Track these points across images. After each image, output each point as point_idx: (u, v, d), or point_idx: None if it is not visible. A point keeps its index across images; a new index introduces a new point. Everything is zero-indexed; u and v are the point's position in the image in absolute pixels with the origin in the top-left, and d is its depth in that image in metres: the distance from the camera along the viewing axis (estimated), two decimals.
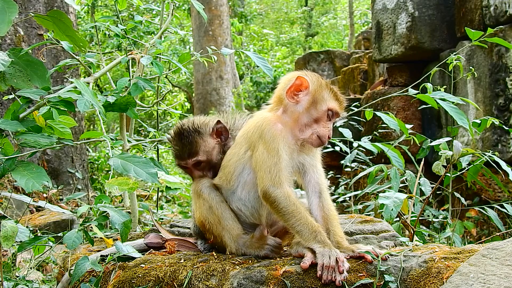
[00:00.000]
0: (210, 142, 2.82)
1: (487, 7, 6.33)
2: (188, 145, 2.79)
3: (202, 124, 2.84)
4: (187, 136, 2.80)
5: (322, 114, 2.52)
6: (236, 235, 2.61)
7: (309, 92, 2.54)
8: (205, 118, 2.92)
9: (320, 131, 2.51)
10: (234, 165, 2.61)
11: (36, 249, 3.44)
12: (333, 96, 2.57)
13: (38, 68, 3.09)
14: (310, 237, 2.37)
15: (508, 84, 6.03)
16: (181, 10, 16.84)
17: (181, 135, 2.82)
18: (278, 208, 2.42)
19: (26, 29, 6.65)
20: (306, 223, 2.39)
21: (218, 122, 2.85)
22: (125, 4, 3.86)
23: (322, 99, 2.53)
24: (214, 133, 2.84)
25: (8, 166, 2.63)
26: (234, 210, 2.66)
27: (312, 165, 2.61)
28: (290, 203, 2.40)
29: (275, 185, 2.42)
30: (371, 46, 9.56)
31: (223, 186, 2.68)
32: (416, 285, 2.23)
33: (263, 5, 26.38)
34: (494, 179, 3.88)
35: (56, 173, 7.01)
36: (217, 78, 14.39)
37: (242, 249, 2.59)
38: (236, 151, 2.64)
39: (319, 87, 2.55)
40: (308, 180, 2.61)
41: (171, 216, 6.65)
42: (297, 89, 2.54)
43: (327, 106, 2.52)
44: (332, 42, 22.68)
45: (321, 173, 2.64)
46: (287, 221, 2.42)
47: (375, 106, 7.34)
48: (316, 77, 2.60)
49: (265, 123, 2.52)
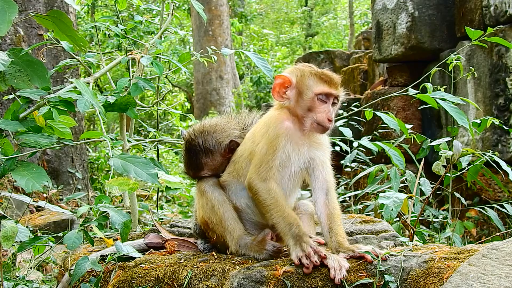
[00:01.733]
0: (219, 160, 2.77)
1: (487, 7, 6.33)
2: (195, 162, 2.76)
3: (215, 143, 2.76)
4: (195, 154, 2.75)
5: (311, 101, 2.51)
6: (237, 236, 2.61)
7: (294, 86, 2.56)
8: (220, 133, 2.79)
9: (317, 118, 2.50)
10: (245, 161, 2.62)
11: (36, 249, 3.43)
12: (319, 79, 2.53)
13: (38, 68, 3.09)
14: (285, 229, 2.41)
15: (508, 84, 6.03)
16: (181, 10, 16.84)
17: (190, 151, 2.77)
18: (259, 200, 2.47)
19: (26, 29, 6.65)
20: (282, 215, 2.42)
21: (231, 141, 2.77)
22: (125, 4, 3.86)
23: (307, 87, 2.52)
24: (227, 151, 2.78)
25: (8, 166, 2.63)
26: (242, 206, 2.65)
27: (322, 161, 2.61)
28: (269, 197, 2.44)
29: (260, 178, 2.46)
30: (371, 46, 9.56)
31: (232, 182, 2.68)
32: (416, 285, 2.23)
33: (263, 5, 26.39)
34: (494, 179, 3.88)
35: (56, 173, 7.01)
36: (217, 78, 14.40)
37: (243, 250, 2.59)
38: (245, 147, 2.65)
39: (302, 77, 2.55)
40: (316, 176, 2.60)
41: (171, 216, 6.65)
42: (283, 87, 2.57)
43: (313, 92, 2.51)
44: (332, 42, 22.69)
45: (330, 171, 2.64)
46: (266, 213, 2.47)
47: (375, 106, 7.34)
48: (299, 69, 2.58)
49: (272, 121, 2.55)
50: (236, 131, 2.84)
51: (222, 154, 2.77)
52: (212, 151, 2.76)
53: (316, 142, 2.61)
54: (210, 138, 2.78)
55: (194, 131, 2.81)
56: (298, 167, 2.57)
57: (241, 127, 2.89)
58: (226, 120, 2.90)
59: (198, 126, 2.85)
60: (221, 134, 2.80)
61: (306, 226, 2.64)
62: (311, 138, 2.59)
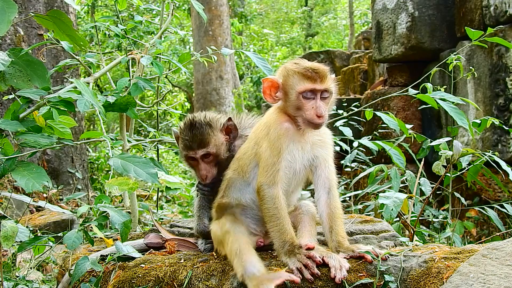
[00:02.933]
0: (220, 137, 2.84)
1: (487, 7, 6.33)
2: (199, 136, 2.80)
3: (213, 118, 2.87)
4: (198, 127, 2.81)
5: (297, 100, 2.50)
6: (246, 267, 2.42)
7: (281, 87, 2.56)
8: (216, 114, 2.94)
9: (306, 116, 2.49)
10: (248, 158, 2.63)
11: (36, 249, 3.44)
12: (302, 77, 2.49)
13: (38, 68, 3.09)
14: (279, 246, 2.44)
15: (508, 84, 6.03)
16: (181, 10, 16.84)
17: (192, 126, 2.83)
18: (263, 206, 2.48)
19: (26, 29, 6.65)
20: (280, 231, 2.44)
21: (229, 119, 2.87)
22: (125, 4, 3.86)
23: (290, 87, 2.51)
24: (224, 129, 2.86)
25: (8, 166, 2.63)
26: (247, 202, 2.65)
27: (325, 159, 2.61)
28: (273, 206, 2.45)
29: (268, 183, 2.46)
30: (371, 46, 9.56)
31: (237, 179, 2.68)
32: (416, 285, 2.23)
33: (263, 5, 26.39)
34: (494, 179, 3.88)
35: (56, 173, 7.01)
36: (217, 78, 14.39)
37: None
38: (249, 146, 2.66)
39: (286, 77, 2.54)
40: (319, 175, 2.61)
41: (171, 216, 6.65)
42: (272, 89, 2.57)
43: (296, 91, 2.49)
44: (332, 42, 22.70)
45: (332, 169, 2.64)
46: (267, 222, 2.49)
47: (375, 106, 7.33)
48: (285, 69, 2.57)
49: (272, 121, 2.55)
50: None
51: (221, 131, 2.85)
52: (212, 126, 2.82)
53: (320, 140, 2.61)
54: (209, 116, 2.88)
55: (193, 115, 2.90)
56: (302, 165, 2.56)
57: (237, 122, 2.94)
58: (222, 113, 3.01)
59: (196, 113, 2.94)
60: (218, 115, 2.92)
61: (308, 227, 2.64)
62: (314, 136, 2.59)
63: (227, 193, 2.70)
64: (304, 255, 2.37)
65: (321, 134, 2.62)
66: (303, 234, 2.60)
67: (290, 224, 2.49)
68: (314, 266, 2.33)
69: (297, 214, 2.69)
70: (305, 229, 2.62)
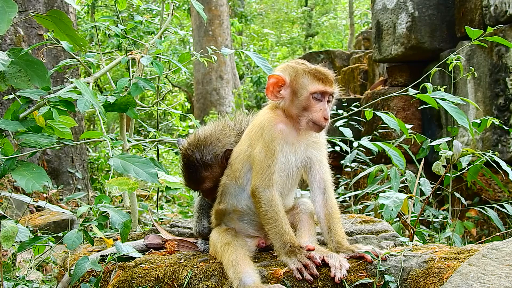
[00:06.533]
0: (218, 171, 2.77)
1: (487, 7, 6.33)
2: (195, 177, 2.78)
3: (212, 156, 2.75)
4: (194, 169, 2.76)
5: (306, 101, 2.48)
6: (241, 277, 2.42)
7: (288, 85, 2.52)
8: (215, 145, 2.77)
9: (313, 117, 2.48)
10: (241, 162, 2.60)
11: (36, 249, 3.43)
12: (313, 78, 2.49)
13: (38, 68, 3.09)
14: (280, 247, 2.43)
15: (508, 84, 6.03)
16: (181, 10, 16.84)
17: (189, 167, 2.78)
18: (260, 210, 2.47)
19: (26, 29, 6.64)
20: (279, 232, 2.43)
21: (226, 151, 2.75)
22: (125, 4, 3.86)
23: (301, 86, 2.49)
24: (224, 161, 2.77)
25: (8, 166, 2.63)
26: (243, 208, 2.63)
27: (319, 160, 2.59)
28: (270, 209, 2.44)
29: (263, 186, 2.45)
30: (371, 46, 9.56)
31: (231, 185, 2.65)
32: (416, 285, 2.23)
33: (263, 5, 26.38)
34: (494, 179, 3.88)
35: (56, 173, 7.01)
36: (217, 78, 14.39)
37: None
38: (241, 148, 2.63)
39: (296, 76, 2.51)
40: (314, 176, 2.59)
41: (171, 216, 6.65)
42: (277, 86, 2.53)
43: (308, 91, 2.48)
44: (332, 42, 22.69)
45: (327, 170, 2.63)
46: (265, 224, 2.48)
47: (375, 106, 7.34)
48: (292, 67, 2.55)
49: (266, 123, 2.52)
50: (231, 138, 2.82)
51: (220, 165, 2.77)
52: (210, 164, 2.76)
53: (313, 141, 2.59)
54: (207, 151, 2.76)
55: (190, 146, 2.79)
56: (295, 167, 2.55)
57: (236, 133, 2.86)
58: (220, 127, 2.86)
59: (193, 139, 2.81)
60: (216, 146, 2.77)
61: (307, 226, 2.63)
62: (308, 137, 2.57)
63: (223, 199, 2.68)
64: (304, 255, 2.37)
65: (315, 135, 2.60)
66: (303, 234, 2.59)
67: (288, 225, 2.48)
68: (313, 267, 2.33)
69: (296, 213, 2.68)
70: (304, 229, 2.61)
